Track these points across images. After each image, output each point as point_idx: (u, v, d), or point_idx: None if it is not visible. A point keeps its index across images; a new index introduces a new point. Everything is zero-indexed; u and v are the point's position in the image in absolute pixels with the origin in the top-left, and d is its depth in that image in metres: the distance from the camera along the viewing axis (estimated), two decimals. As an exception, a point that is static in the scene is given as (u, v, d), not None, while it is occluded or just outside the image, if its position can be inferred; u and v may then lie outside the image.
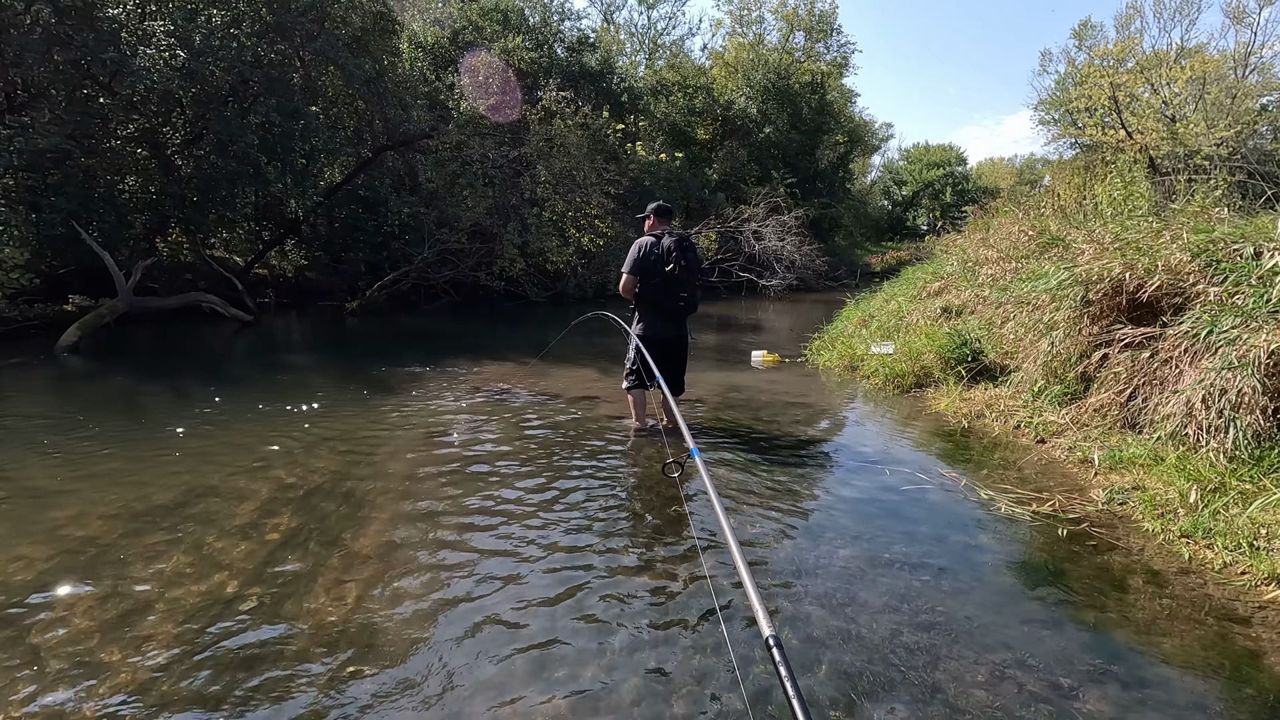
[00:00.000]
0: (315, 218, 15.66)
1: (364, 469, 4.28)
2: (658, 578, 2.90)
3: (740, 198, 23.57)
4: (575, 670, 2.28)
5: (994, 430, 5.01)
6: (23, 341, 9.36)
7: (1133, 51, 25.59)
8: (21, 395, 6.73)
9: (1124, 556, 3.07)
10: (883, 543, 3.23)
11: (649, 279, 4.63)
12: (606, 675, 2.25)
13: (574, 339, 11.30)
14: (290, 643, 2.42)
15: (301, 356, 9.50)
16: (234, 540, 3.22)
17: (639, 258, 4.62)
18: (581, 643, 2.43)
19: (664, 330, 4.81)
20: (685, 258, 4.64)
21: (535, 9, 21.70)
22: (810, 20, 30.26)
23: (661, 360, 4.79)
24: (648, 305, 4.74)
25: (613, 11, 32.47)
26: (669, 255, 4.60)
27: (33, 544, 3.18)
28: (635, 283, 4.67)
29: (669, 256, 4.60)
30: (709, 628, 2.51)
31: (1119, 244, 5.17)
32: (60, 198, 10.59)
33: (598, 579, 2.88)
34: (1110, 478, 3.84)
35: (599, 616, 2.59)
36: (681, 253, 4.64)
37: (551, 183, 16.94)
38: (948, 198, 46.42)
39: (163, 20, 11.28)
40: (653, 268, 4.61)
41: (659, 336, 4.79)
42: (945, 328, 7.06)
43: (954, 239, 11.84)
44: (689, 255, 4.68)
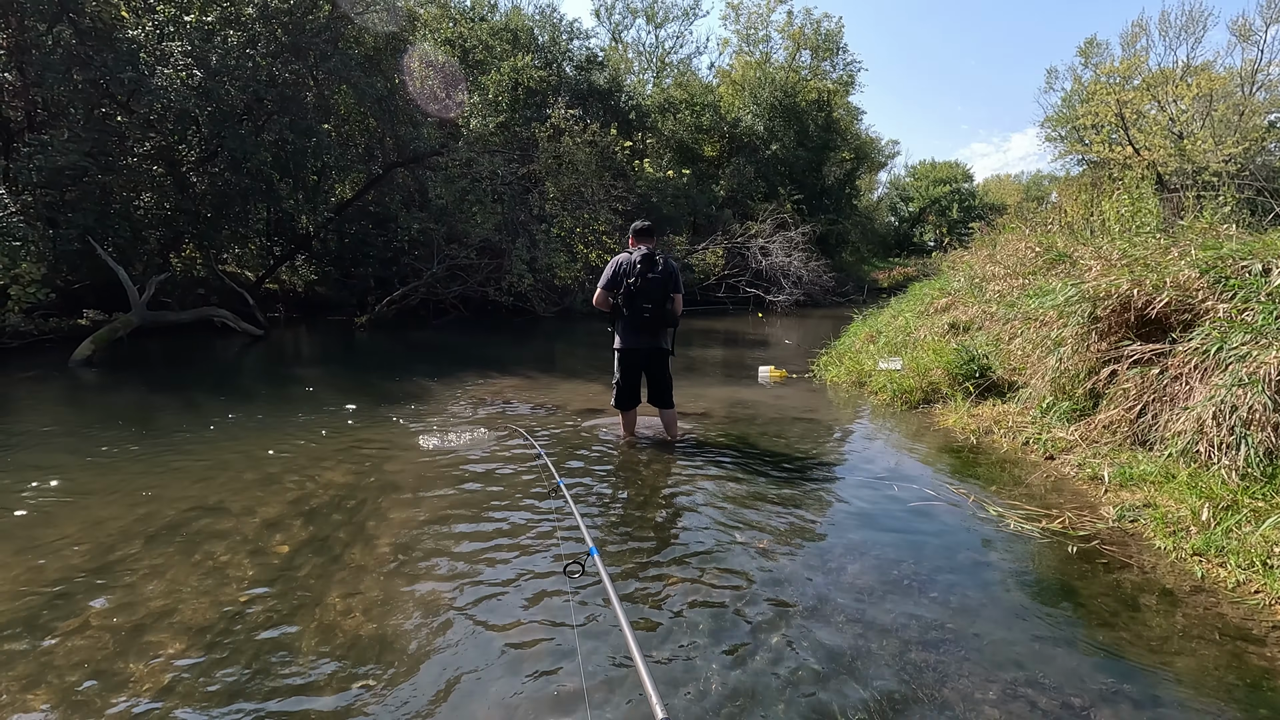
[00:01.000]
0: (326, 233, 15.85)
1: (372, 481, 4.30)
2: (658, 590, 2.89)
3: (747, 214, 23.69)
4: (580, 683, 2.28)
5: (1002, 446, 4.99)
6: (38, 355, 9.48)
7: (1139, 69, 25.69)
8: (36, 408, 6.81)
9: (1135, 574, 3.04)
10: (890, 559, 3.21)
11: (618, 293, 4.83)
12: (610, 691, 2.25)
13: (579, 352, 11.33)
14: (299, 655, 2.43)
15: (311, 370, 9.57)
16: (244, 552, 3.24)
17: (610, 274, 4.85)
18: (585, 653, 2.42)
19: (638, 342, 4.96)
20: (650, 269, 4.79)
21: (545, 29, 22.03)
22: (816, 39, 30.56)
23: (643, 371, 5.05)
24: (622, 320, 4.92)
25: (621, 31, 32.89)
26: (634, 269, 4.78)
27: (45, 555, 3.21)
28: (606, 296, 4.87)
29: (634, 270, 4.77)
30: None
31: (1126, 260, 5.17)
32: (77, 214, 10.77)
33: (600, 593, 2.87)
34: (1121, 495, 3.81)
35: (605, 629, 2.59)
36: (647, 265, 4.78)
37: (560, 199, 17.09)
38: (954, 214, 46.44)
39: (181, 41, 11.51)
40: (622, 282, 4.80)
41: (635, 348, 4.96)
42: (953, 344, 7.05)
43: (961, 255, 11.84)
44: (655, 269, 4.81)
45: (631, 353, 4.94)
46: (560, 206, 17.04)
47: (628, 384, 5.02)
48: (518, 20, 22.18)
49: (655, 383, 5.09)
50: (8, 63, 11.67)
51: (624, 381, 5.01)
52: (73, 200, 10.93)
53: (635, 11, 32.59)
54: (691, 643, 2.52)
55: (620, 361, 4.97)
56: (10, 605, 2.76)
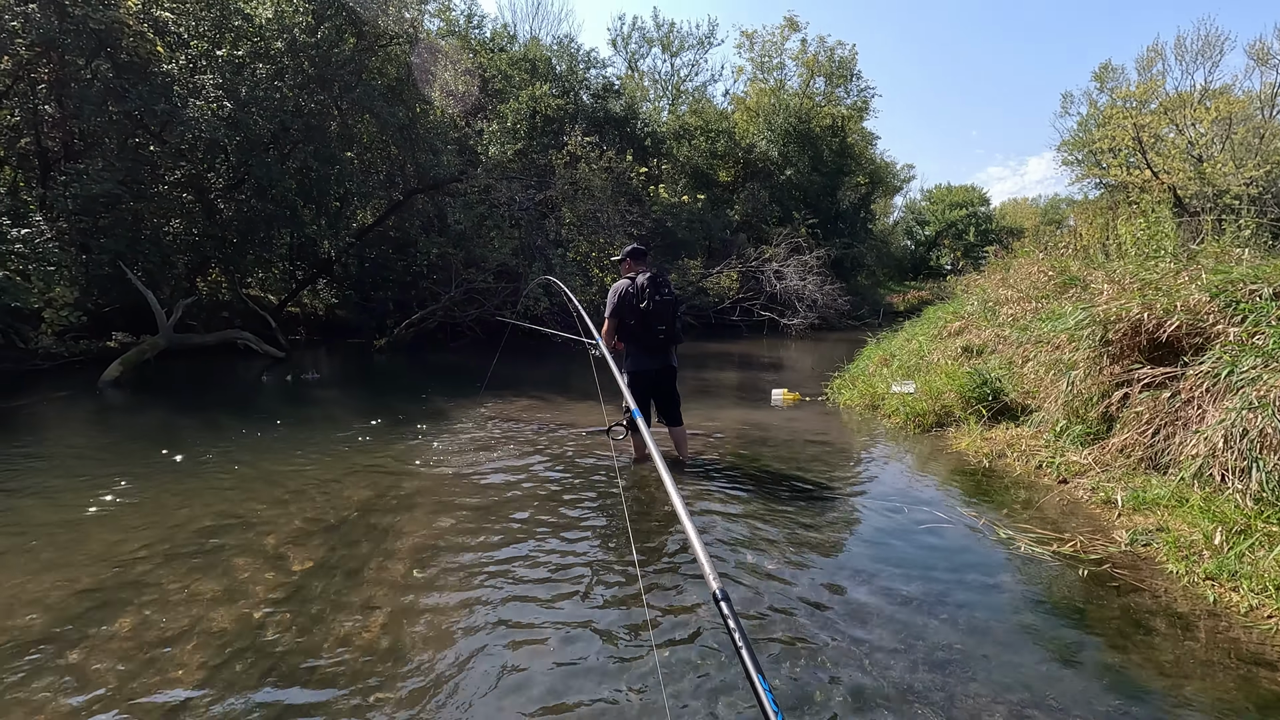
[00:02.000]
0: (347, 258, 16.19)
1: (391, 500, 4.39)
2: (669, 604, 2.93)
3: (762, 238, 23.82)
4: (598, 697, 2.32)
5: (1015, 470, 4.97)
6: (68, 376, 9.75)
7: (1155, 93, 25.67)
8: (65, 427, 7.01)
9: (1147, 598, 3.03)
10: (900, 580, 3.22)
11: (628, 319, 4.87)
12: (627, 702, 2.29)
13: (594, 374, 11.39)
14: (317, 671, 2.49)
15: (331, 392, 9.74)
16: (264, 569, 3.33)
17: (617, 302, 4.87)
18: (601, 668, 2.47)
19: (651, 363, 5.02)
20: (659, 293, 4.87)
21: (562, 58, 22.53)
22: (830, 66, 30.91)
23: (653, 391, 5.06)
24: (631, 343, 4.97)
25: (637, 59, 33.53)
26: (643, 293, 4.84)
27: (73, 570, 3.32)
28: (615, 326, 4.91)
29: (643, 294, 4.83)
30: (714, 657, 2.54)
31: (1138, 284, 5.18)
32: (109, 240, 11.14)
33: (620, 611, 2.92)
34: (1134, 519, 3.80)
35: (618, 643, 2.63)
36: (655, 288, 4.87)
37: (576, 224, 17.34)
38: (971, 237, 46.36)
39: (213, 74, 11.95)
40: (631, 308, 4.82)
41: (648, 370, 5.01)
42: (966, 367, 7.05)
43: (974, 279, 11.84)
44: (662, 290, 4.90)
45: (645, 374, 4.99)
46: (576, 231, 17.29)
47: (643, 405, 5.07)
48: (536, 50, 22.73)
49: (667, 399, 5.13)
50: (47, 96, 12.19)
51: (643, 400, 5.03)
52: (105, 227, 11.31)
53: (651, 41, 33.25)
54: (696, 659, 2.55)
55: (634, 384, 4.97)
56: (40, 618, 2.86)
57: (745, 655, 1.35)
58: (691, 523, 1.79)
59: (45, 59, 11.47)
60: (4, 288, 8.98)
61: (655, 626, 2.79)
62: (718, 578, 1.56)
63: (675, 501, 1.85)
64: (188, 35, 12.33)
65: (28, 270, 9.76)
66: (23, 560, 3.44)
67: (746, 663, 1.34)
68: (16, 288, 9.25)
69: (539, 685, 2.40)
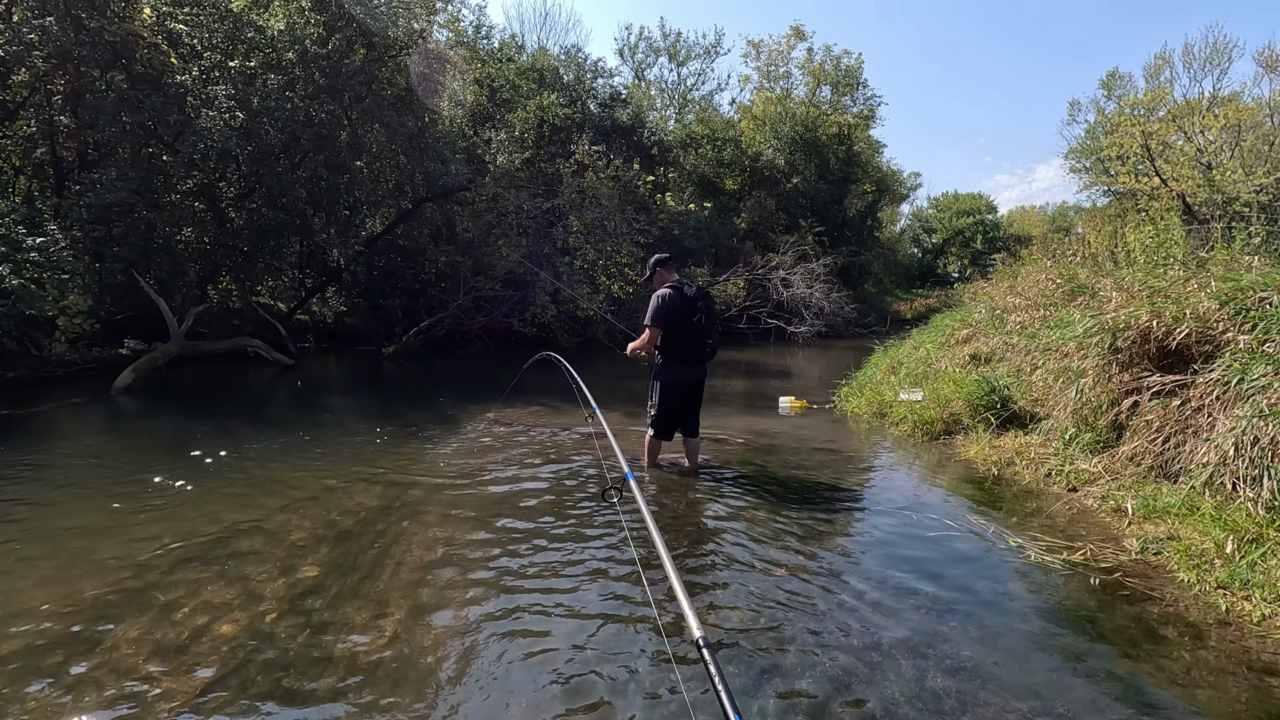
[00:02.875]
0: (356, 266, 16.31)
1: (399, 507, 4.42)
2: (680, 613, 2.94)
3: (768, 246, 23.86)
4: (610, 706, 2.33)
5: (1024, 478, 4.96)
6: (81, 382, 9.84)
7: (1164, 101, 25.62)
8: (79, 434, 7.08)
9: (1158, 607, 3.02)
10: (910, 587, 3.22)
11: (678, 328, 4.79)
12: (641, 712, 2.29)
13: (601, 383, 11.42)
14: (327, 675, 2.51)
15: (340, 399, 9.80)
16: (274, 575, 3.35)
17: (663, 309, 4.78)
18: (610, 676, 2.48)
19: (689, 375, 5.00)
20: (708, 306, 4.89)
21: (569, 68, 22.68)
22: (836, 75, 31.01)
23: (685, 400, 4.99)
24: (674, 352, 4.90)
25: (644, 69, 33.71)
26: (694, 305, 4.79)
27: (86, 576, 3.35)
28: (658, 335, 4.83)
29: (694, 307, 4.78)
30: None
31: (1146, 291, 5.17)
32: (122, 248, 11.28)
33: (629, 612, 2.93)
34: (1144, 527, 3.78)
35: (630, 652, 2.64)
36: (707, 301, 4.91)
37: (583, 232, 17.41)
38: (979, 245, 46.23)
39: (225, 85, 12.11)
40: (680, 318, 4.77)
41: (683, 381, 4.98)
42: (974, 375, 7.03)
43: (982, 287, 11.82)
44: (710, 304, 4.94)
45: (681, 384, 4.95)
46: (584, 239, 17.36)
47: (673, 414, 5.02)
48: (544, 60, 22.89)
49: (693, 410, 5.10)
50: (63, 107, 12.37)
51: (668, 412, 4.98)
52: (119, 235, 11.45)
53: (658, 50, 33.45)
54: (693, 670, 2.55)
55: (668, 393, 4.91)
56: (52, 623, 2.89)
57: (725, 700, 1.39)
58: (676, 571, 1.87)
59: (61, 71, 11.66)
60: (19, 296, 9.08)
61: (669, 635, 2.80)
62: (700, 625, 1.62)
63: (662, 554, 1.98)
64: (201, 47, 12.50)
65: (42, 278, 9.87)
66: (35, 566, 3.48)
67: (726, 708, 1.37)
68: (31, 296, 9.35)
69: (550, 694, 2.42)
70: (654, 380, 5.00)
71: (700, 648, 1.55)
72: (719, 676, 1.45)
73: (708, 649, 1.55)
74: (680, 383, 4.94)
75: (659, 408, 4.97)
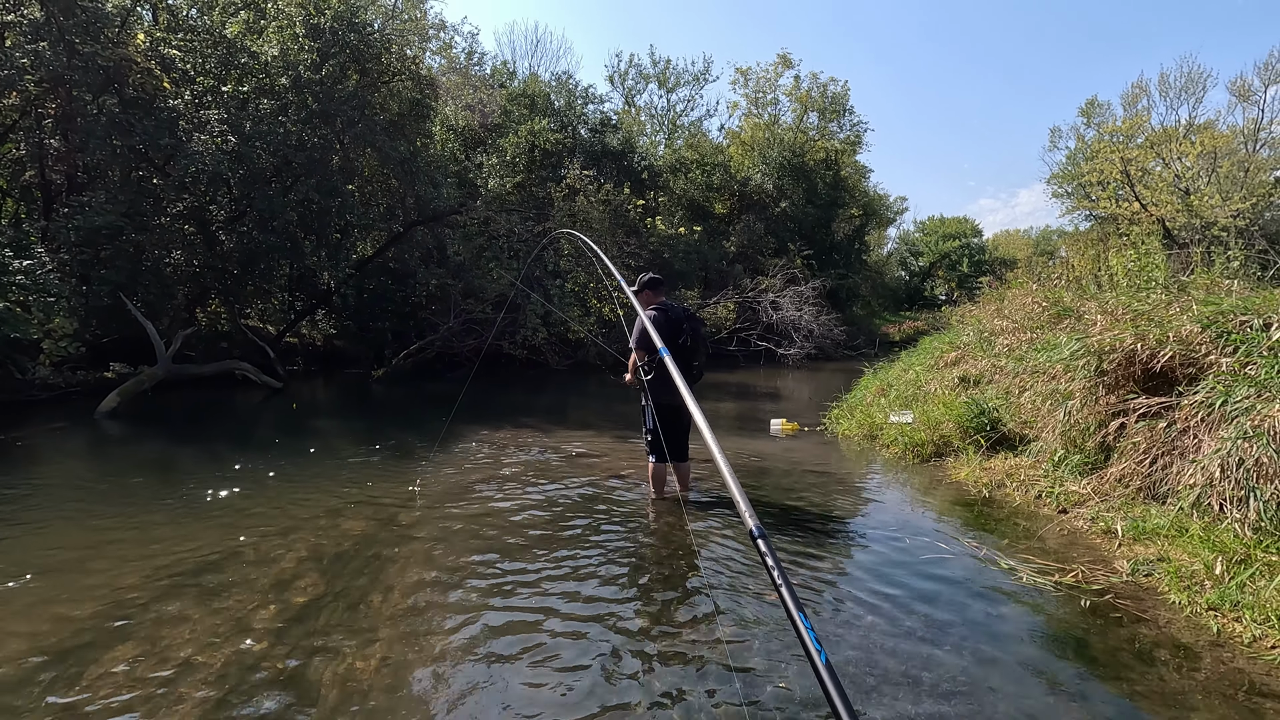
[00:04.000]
0: (346, 289, 16.30)
1: (388, 532, 4.37)
2: (675, 646, 2.91)
3: (758, 269, 24.07)
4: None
5: (1015, 500, 4.98)
6: (65, 406, 9.72)
7: (1141, 128, 26.23)
8: (62, 459, 6.97)
9: (1150, 628, 3.02)
10: (903, 611, 3.21)
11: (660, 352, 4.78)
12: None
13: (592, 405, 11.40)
14: (318, 705, 2.47)
15: (328, 422, 9.73)
16: (262, 602, 3.30)
17: (647, 334, 4.75)
18: (602, 701, 2.45)
19: (677, 398, 4.92)
20: (695, 328, 4.88)
21: (560, 94, 22.97)
22: (823, 102, 31.57)
23: (675, 422, 4.95)
24: (661, 376, 4.85)
25: (634, 95, 34.22)
26: (680, 327, 4.78)
27: (70, 604, 3.29)
28: (643, 358, 4.78)
29: (681, 329, 4.77)
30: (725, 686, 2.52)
31: (1130, 314, 5.26)
32: (110, 271, 11.22)
33: (618, 642, 2.90)
34: (1135, 549, 3.80)
35: (620, 679, 2.61)
36: (695, 322, 4.91)
37: (574, 256, 17.52)
38: (965, 268, 46.90)
39: (218, 109, 12.17)
40: (667, 340, 4.74)
41: (672, 404, 4.90)
42: (963, 397, 7.09)
43: (969, 309, 11.96)
44: (696, 326, 4.93)
45: (671, 406, 4.83)
46: (574, 263, 17.46)
47: (671, 436, 4.89)
48: (535, 86, 23.20)
49: (683, 433, 5.03)
50: (53, 130, 12.37)
51: (667, 433, 4.84)
52: (106, 258, 11.40)
53: (648, 77, 33.98)
54: (697, 688, 2.53)
55: (661, 414, 4.80)
56: (34, 654, 2.82)
57: (785, 593, 1.34)
58: (729, 468, 1.89)
59: (53, 94, 11.68)
60: (4, 319, 9.00)
61: (667, 663, 2.78)
62: (754, 515, 1.62)
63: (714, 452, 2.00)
64: (194, 72, 12.59)
65: (28, 301, 9.80)
66: (19, 594, 3.40)
67: (786, 601, 1.32)
68: (16, 319, 9.27)
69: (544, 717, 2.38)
70: (645, 404, 4.96)
71: (755, 539, 1.56)
72: (776, 568, 1.44)
73: (763, 539, 1.55)
74: (671, 404, 4.88)
75: (654, 431, 4.93)
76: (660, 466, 5.04)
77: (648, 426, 4.94)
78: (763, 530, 1.58)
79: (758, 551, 1.55)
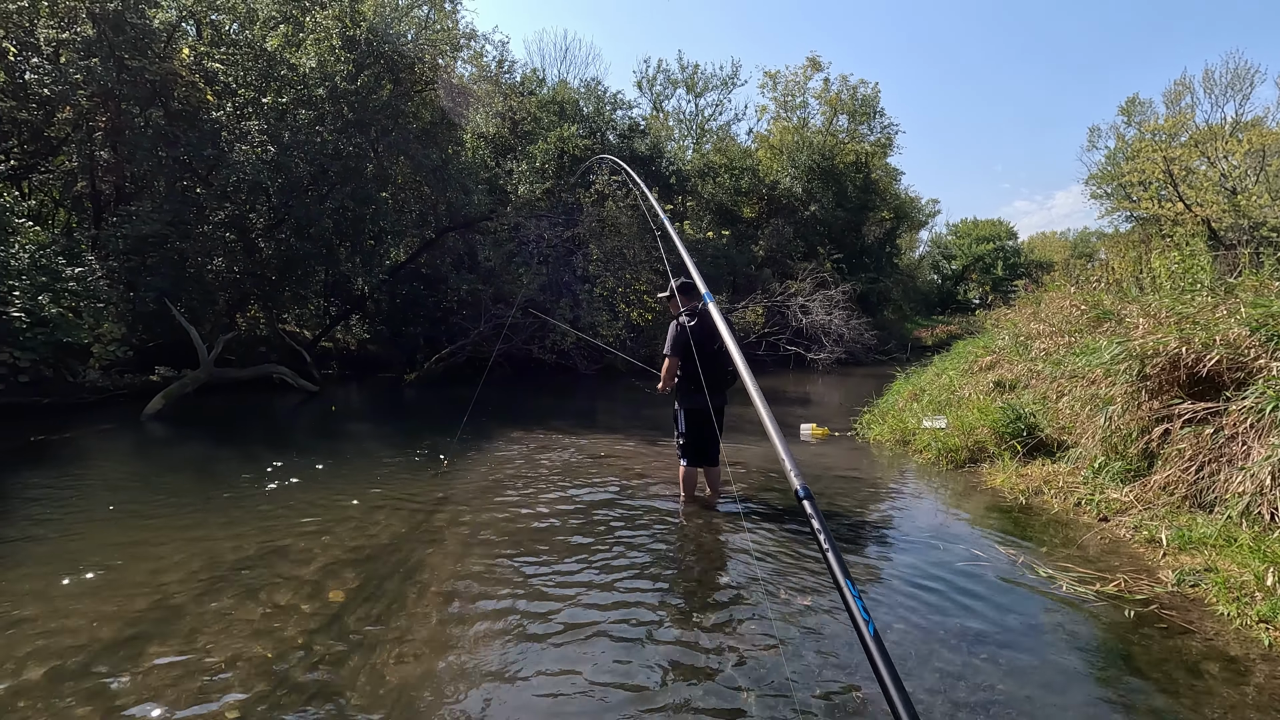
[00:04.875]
0: (379, 294, 16.58)
1: (423, 532, 4.44)
2: (721, 648, 2.91)
3: (786, 273, 23.88)
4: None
5: (1053, 507, 4.87)
6: (113, 409, 10.06)
7: (1185, 126, 25.46)
8: (110, 459, 7.22)
9: (1198, 641, 2.93)
10: (938, 619, 3.16)
11: (698, 355, 4.78)
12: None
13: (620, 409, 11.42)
14: (352, 704, 2.52)
15: (363, 425, 9.91)
16: (300, 601, 3.38)
17: (682, 338, 4.74)
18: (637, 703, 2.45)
19: (712, 401, 4.94)
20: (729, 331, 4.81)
21: (589, 100, 23.11)
22: (853, 104, 31.25)
23: (707, 427, 4.91)
24: (692, 381, 4.85)
25: (662, 100, 34.21)
26: (714, 335, 4.75)
27: (114, 600, 3.40)
28: (677, 363, 4.79)
29: (716, 336, 4.74)
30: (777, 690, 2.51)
31: (1174, 318, 5.11)
32: (155, 277, 11.60)
33: (653, 647, 2.90)
34: (1180, 558, 3.69)
35: (656, 687, 2.62)
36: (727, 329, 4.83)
37: (603, 261, 17.59)
38: (999, 271, 45.93)
39: (258, 120, 12.51)
40: (700, 345, 4.76)
41: (705, 406, 4.90)
42: (999, 402, 6.95)
43: (1005, 313, 11.71)
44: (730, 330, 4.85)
45: (703, 411, 4.84)
46: (603, 267, 17.54)
47: (697, 441, 4.97)
48: (564, 93, 23.38)
49: (714, 438, 4.98)
50: (103, 142, 12.85)
51: (697, 436, 4.93)
52: (152, 265, 11.79)
53: (676, 82, 33.96)
54: (730, 695, 2.52)
55: (692, 418, 4.86)
56: (80, 650, 2.93)
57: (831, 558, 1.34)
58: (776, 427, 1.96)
59: (103, 108, 12.14)
60: (57, 324, 9.36)
61: (707, 676, 2.78)
62: (800, 476, 1.68)
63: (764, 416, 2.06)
64: (235, 84, 12.96)
65: (79, 307, 10.18)
66: (67, 590, 3.54)
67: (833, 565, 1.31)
68: (69, 324, 9.64)
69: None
70: (677, 409, 4.98)
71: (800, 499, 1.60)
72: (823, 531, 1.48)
73: (809, 500, 1.59)
74: (703, 409, 4.89)
75: (685, 435, 4.95)
76: (691, 470, 5.04)
77: (679, 430, 4.95)
78: (809, 491, 1.59)
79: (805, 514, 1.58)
